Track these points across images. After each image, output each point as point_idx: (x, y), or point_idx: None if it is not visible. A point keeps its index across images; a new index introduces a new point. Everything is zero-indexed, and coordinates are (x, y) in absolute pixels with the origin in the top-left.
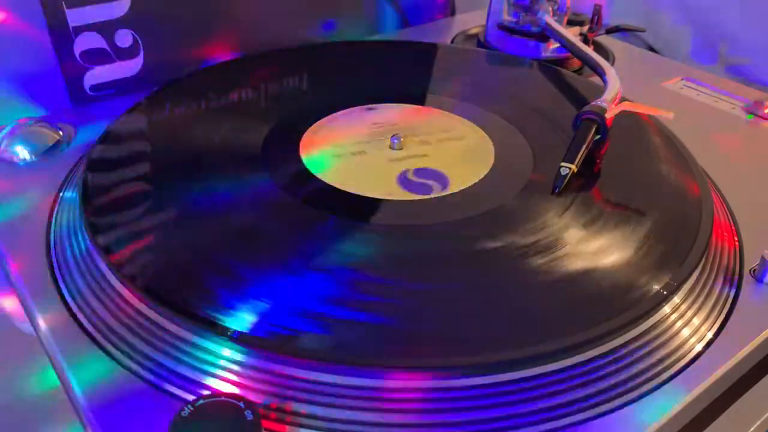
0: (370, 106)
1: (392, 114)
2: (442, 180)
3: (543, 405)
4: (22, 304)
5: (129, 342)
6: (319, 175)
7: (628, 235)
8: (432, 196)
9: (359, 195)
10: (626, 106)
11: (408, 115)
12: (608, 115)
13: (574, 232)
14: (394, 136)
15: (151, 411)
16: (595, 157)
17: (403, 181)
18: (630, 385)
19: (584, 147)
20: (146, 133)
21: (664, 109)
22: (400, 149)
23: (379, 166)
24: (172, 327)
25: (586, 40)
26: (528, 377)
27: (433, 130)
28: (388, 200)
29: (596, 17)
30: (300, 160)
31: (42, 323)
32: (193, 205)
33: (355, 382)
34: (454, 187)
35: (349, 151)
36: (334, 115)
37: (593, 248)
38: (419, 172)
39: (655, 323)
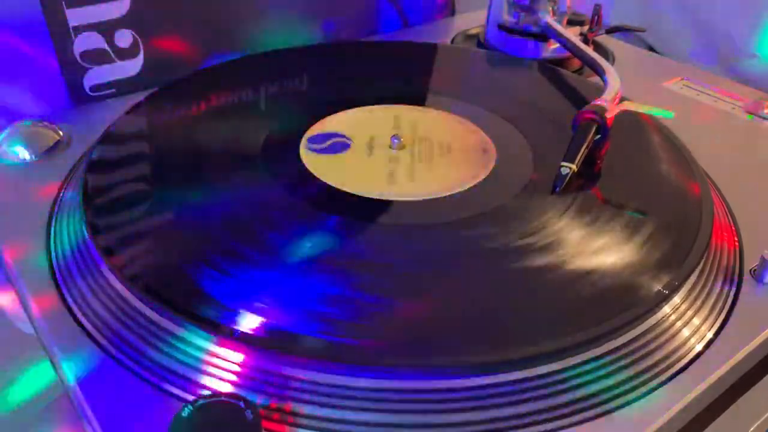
0: (369, 106)
1: (392, 114)
2: None
3: (542, 405)
4: (22, 304)
5: (129, 342)
6: (318, 176)
7: (628, 235)
8: (434, 196)
9: (359, 195)
10: (626, 105)
11: (408, 116)
12: (608, 115)
13: (575, 232)
14: (394, 136)
15: (151, 411)
16: (596, 157)
17: None
18: (630, 384)
19: (584, 147)
20: (146, 133)
21: (663, 109)
22: (401, 149)
23: (379, 167)
24: (172, 327)
25: (586, 40)
26: (528, 377)
27: (433, 130)
28: (388, 201)
29: (596, 17)
30: (300, 161)
31: (42, 323)
32: (193, 205)
33: (355, 382)
34: (455, 188)
35: (349, 152)
36: (333, 115)
37: (593, 248)
38: None
39: (655, 323)
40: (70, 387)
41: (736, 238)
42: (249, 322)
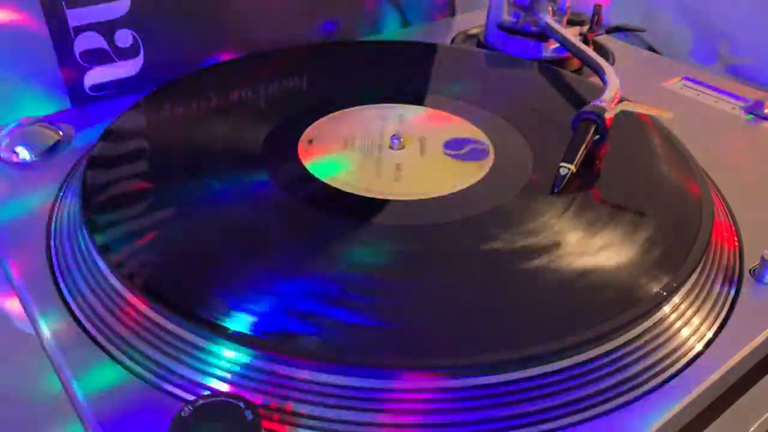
0: (369, 106)
1: (392, 114)
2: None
3: (543, 405)
4: (23, 305)
5: (129, 342)
6: (318, 176)
7: (627, 235)
8: (433, 195)
9: (359, 195)
10: (626, 106)
11: (408, 116)
12: (607, 115)
13: (574, 232)
14: (393, 136)
15: (151, 411)
16: (595, 157)
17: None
18: (630, 385)
19: (583, 147)
20: (146, 133)
21: (663, 109)
22: (400, 149)
23: (379, 166)
24: (172, 327)
25: (586, 40)
26: (528, 377)
27: (433, 130)
28: (387, 200)
29: (596, 17)
30: (299, 161)
31: (42, 323)
32: (192, 205)
33: (355, 382)
34: (455, 188)
35: (349, 152)
36: (333, 115)
37: (593, 248)
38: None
39: (655, 323)
40: (69, 387)
41: (736, 238)
42: (249, 321)
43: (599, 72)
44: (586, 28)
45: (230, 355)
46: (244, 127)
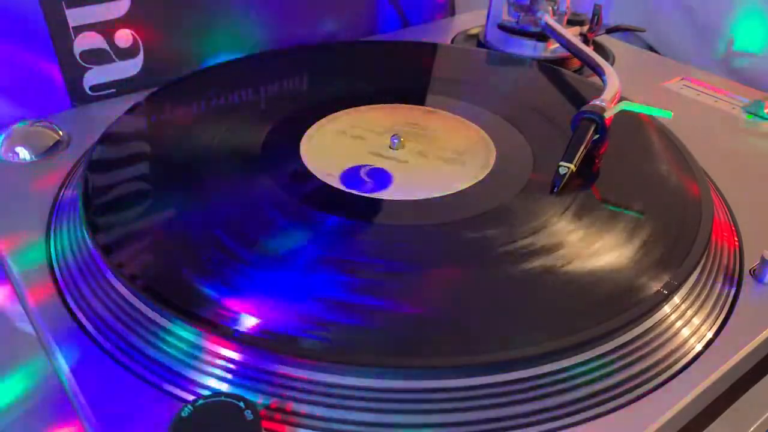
0: (369, 106)
1: (392, 114)
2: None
3: (543, 405)
4: (22, 305)
5: (129, 342)
6: (318, 176)
7: (628, 235)
8: (434, 196)
9: (359, 195)
10: (625, 105)
11: (408, 116)
12: (607, 115)
13: (574, 232)
14: (394, 136)
15: (151, 411)
16: (595, 157)
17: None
18: (630, 385)
19: (583, 146)
20: (146, 133)
21: (663, 109)
22: (400, 149)
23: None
24: (172, 327)
25: (586, 40)
26: (527, 377)
27: (433, 130)
28: (388, 200)
29: (596, 17)
30: (300, 161)
31: (42, 323)
32: (192, 204)
33: (355, 382)
34: (455, 188)
35: (349, 152)
36: (333, 115)
37: (593, 248)
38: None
39: (655, 323)
40: (69, 387)
41: (736, 238)
42: (249, 321)
43: (599, 72)
44: (586, 28)
45: (231, 354)
46: (244, 128)
